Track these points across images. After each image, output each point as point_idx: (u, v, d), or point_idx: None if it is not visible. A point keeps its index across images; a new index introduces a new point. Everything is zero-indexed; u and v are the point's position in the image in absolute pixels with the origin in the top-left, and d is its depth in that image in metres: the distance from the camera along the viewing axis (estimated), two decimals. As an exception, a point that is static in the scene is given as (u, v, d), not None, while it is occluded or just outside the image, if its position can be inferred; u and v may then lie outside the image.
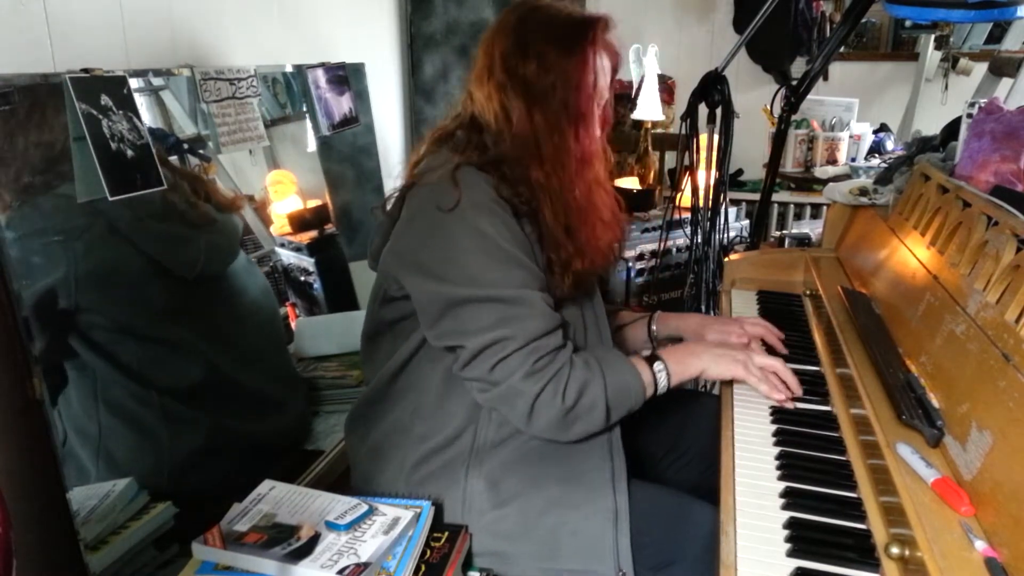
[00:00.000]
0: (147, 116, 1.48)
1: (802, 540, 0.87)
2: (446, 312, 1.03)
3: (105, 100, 1.29)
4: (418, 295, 1.07)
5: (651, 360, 1.14)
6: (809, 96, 1.93)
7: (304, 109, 2.12)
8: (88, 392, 1.36)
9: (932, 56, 3.34)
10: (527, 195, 1.09)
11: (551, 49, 1.09)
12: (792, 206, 3.22)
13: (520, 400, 1.03)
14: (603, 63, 1.13)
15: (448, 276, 1.03)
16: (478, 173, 1.07)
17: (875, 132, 3.13)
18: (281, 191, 2.13)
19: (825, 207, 2.01)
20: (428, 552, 1.04)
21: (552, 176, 1.10)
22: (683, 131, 1.85)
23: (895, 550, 0.79)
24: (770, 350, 1.32)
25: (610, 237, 1.21)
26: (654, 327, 1.43)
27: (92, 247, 1.32)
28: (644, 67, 2.78)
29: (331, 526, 1.02)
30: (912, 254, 1.30)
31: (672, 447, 1.34)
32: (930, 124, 2.52)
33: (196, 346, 1.48)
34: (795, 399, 1.17)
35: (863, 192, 1.70)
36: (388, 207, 1.17)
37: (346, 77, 2.23)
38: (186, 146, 1.69)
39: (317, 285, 2.14)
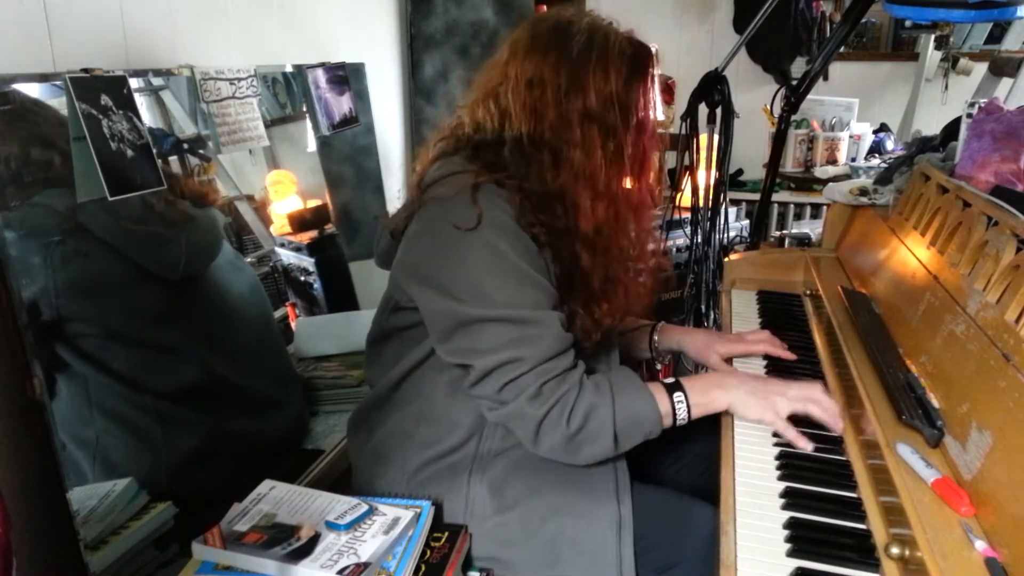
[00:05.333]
0: (147, 116, 1.48)
1: (802, 540, 0.87)
2: (457, 330, 1.01)
3: (105, 100, 1.29)
4: (429, 311, 1.04)
5: (672, 389, 1.07)
6: (809, 96, 1.93)
7: (304, 109, 2.12)
8: (82, 399, 1.35)
9: (932, 56, 3.34)
10: (553, 234, 1.04)
11: (611, 88, 1.03)
12: (792, 206, 3.22)
13: (526, 422, 1.01)
14: (654, 94, 1.09)
15: (461, 294, 1.00)
16: (498, 191, 1.03)
17: (875, 132, 3.13)
18: (281, 191, 2.13)
19: (825, 207, 2.01)
20: (428, 552, 1.04)
21: (603, 227, 1.05)
22: (683, 131, 1.85)
23: (895, 550, 0.79)
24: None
25: (649, 284, 1.18)
26: (656, 338, 1.39)
27: (70, 256, 1.30)
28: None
29: (331, 526, 1.02)
30: (912, 254, 1.30)
31: (672, 448, 1.34)
32: (930, 124, 2.52)
33: (186, 347, 1.47)
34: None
35: (863, 192, 1.70)
36: (398, 228, 1.11)
37: (346, 77, 2.23)
38: (186, 146, 1.69)
39: (317, 285, 2.14)
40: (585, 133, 1.03)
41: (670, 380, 1.09)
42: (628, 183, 1.08)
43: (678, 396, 1.06)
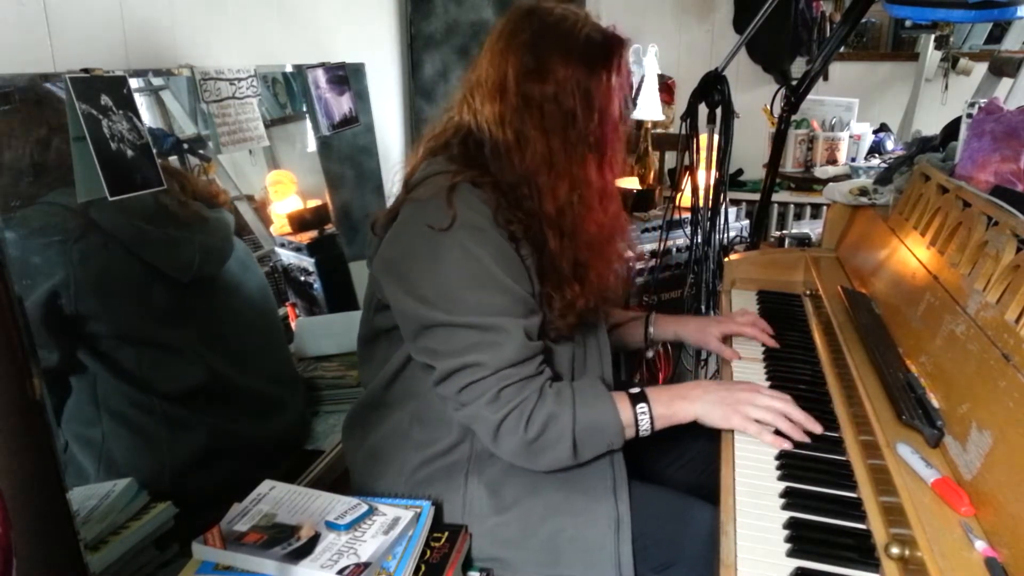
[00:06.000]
0: (147, 116, 1.48)
1: (802, 540, 0.87)
2: (422, 332, 1.03)
3: (105, 100, 1.29)
4: (398, 310, 1.06)
5: (636, 400, 1.07)
6: (809, 96, 1.93)
7: (304, 109, 2.11)
8: (89, 398, 1.35)
9: (932, 56, 3.34)
10: (527, 221, 1.05)
11: (572, 73, 1.03)
12: (792, 206, 3.22)
13: (484, 425, 1.02)
14: (623, 85, 1.09)
15: (428, 297, 1.01)
16: (474, 190, 1.04)
17: (875, 132, 3.13)
18: (281, 191, 2.12)
19: (825, 207, 2.01)
20: (428, 552, 1.04)
21: (566, 210, 1.06)
22: (683, 131, 1.85)
23: (895, 550, 0.79)
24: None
25: (621, 271, 1.18)
26: (651, 329, 1.41)
27: (86, 255, 1.31)
28: (644, 67, 2.77)
29: (331, 526, 1.02)
30: (912, 254, 1.30)
31: (672, 447, 1.34)
32: (930, 124, 2.52)
33: (194, 348, 1.47)
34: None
35: (863, 192, 1.70)
36: (380, 225, 1.13)
37: (346, 77, 2.23)
38: (186, 146, 1.69)
39: (317, 285, 2.14)
40: (545, 115, 1.04)
41: (635, 390, 1.09)
42: (592, 170, 1.08)
43: (641, 407, 1.06)
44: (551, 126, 1.04)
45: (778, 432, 1.06)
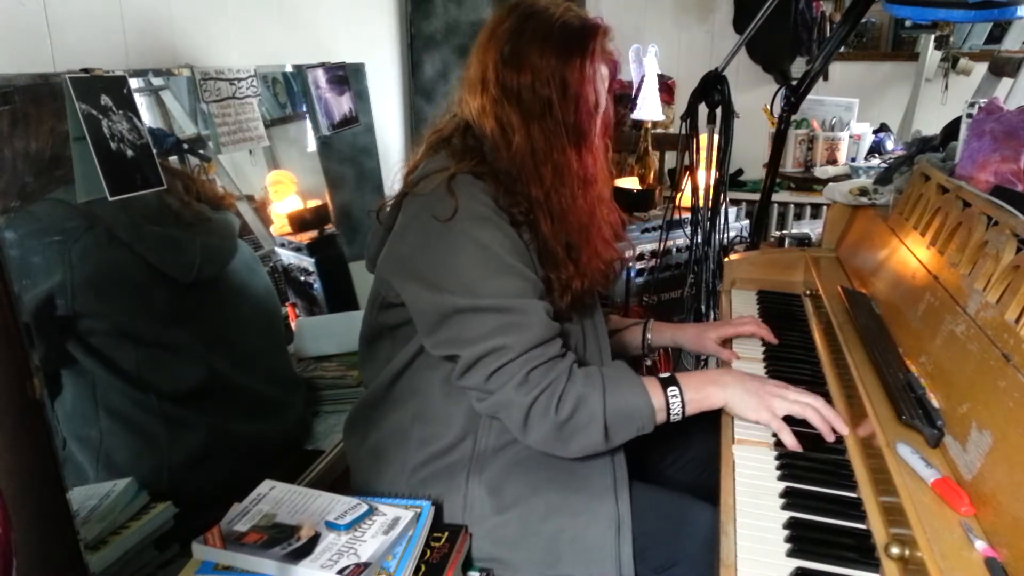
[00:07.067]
0: (147, 116, 1.48)
1: (802, 540, 0.87)
2: (443, 321, 1.02)
3: (105, 100, 1.29)
4: (415, 304, 1.05)
5: (667, 383, 1.07)
6: (809, 96, 1.93)
7: (304, 109, 2.12)
8: (87, 397, 1.35)
9: (932, 56, 3.34)
10: (526, 206, 1.07)
11: (547, 62, 1.04)
12: (792, 206, 3.22)
13: (514, 410, 1.01)
14: (602, 72, 1.10)
15: (445, 285, 1.01)
16: (475, 182, 1.05)
17: (875, 132, 3.13)
18: (281, 191, 2.12)
19: (825, 207, 2.01)
20: (428, 552, 1.04)
21: (552, 194, 1.07)
22: (683, 131, 1.85)
23: (895, 550, 0.79)
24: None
25: (611, 255, 1.19)
26: (649, 336, 1.42)
27: (88, 252, 1.31)
28: (644, 67, 2.78)
29: (331, 526, 1.02)
30: (912, 254, 1.30)
31: (672, 447, 1.34)
32: (930, 124, 2.52)
33: (195, 348, 1.47)
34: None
35: (863, 192, 1.70)
36: (384, 213, 1.15)
37: (346, 77, 2.23)
38: (186, 146, 1.69)
39: (317, 285, 2.14)
40: (523, 104, 1.06)
41: (665, 375, 1.08)
42: (572, 157, 1.09)
43: (672, 390, 1.06)
44: (529, 114, 1.06)
45: (802, 434, 1.05)
